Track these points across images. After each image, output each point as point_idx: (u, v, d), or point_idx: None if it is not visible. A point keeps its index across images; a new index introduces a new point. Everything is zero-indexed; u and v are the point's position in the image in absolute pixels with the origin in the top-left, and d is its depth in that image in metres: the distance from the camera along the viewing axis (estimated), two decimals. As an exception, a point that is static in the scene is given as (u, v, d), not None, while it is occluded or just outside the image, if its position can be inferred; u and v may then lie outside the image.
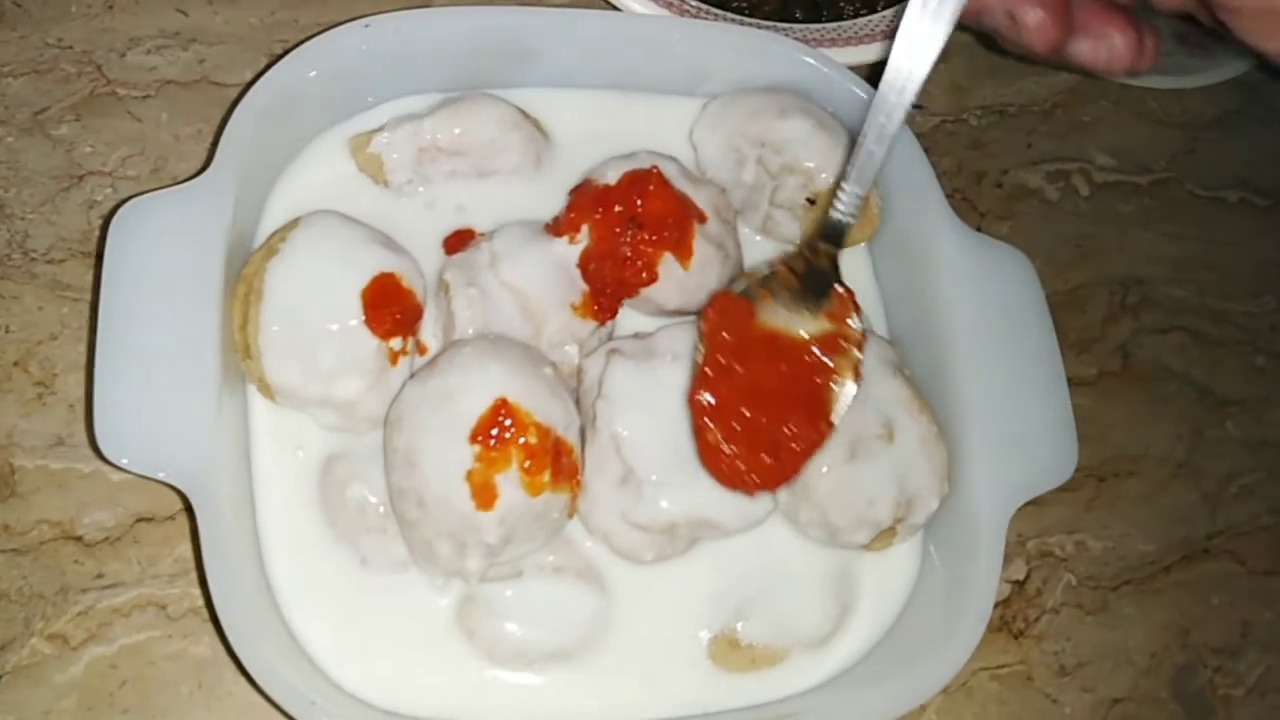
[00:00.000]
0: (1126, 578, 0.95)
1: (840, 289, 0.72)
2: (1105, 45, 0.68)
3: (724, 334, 0.69)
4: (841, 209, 0.70)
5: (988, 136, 1.10)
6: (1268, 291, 1.11)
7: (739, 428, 0.68)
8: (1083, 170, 1.12)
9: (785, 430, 0.68)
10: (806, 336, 0.70)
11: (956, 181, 1.06)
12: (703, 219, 0.79)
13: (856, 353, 0.70)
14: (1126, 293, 1.07)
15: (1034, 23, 0.66)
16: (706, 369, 0.69)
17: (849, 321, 0.71)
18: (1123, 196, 1.12)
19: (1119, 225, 1.11)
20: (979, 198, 1.06)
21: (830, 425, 0.70)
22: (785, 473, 0.69)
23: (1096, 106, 1.14)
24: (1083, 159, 1.12)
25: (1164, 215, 1.12)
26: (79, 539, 0.76)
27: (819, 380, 0.70)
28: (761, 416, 0.68)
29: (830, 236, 0.72)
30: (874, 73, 0.95)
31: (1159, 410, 1.03)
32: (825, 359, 0.70)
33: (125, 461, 0.65)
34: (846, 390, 0.70)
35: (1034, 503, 0.79)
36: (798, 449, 0.69)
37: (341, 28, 0.77)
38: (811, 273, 0.72)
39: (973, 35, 1.08)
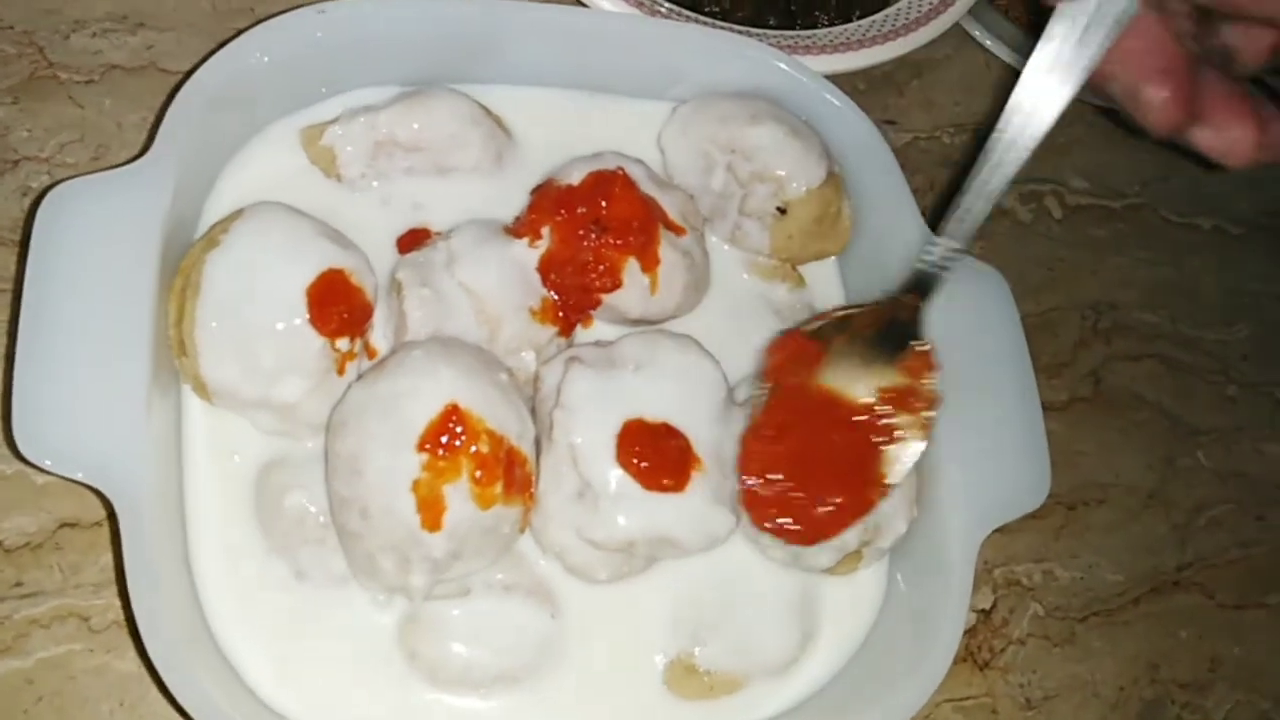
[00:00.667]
0: (1094, 609, 0.93)
1: (921, 344, 0.70)
2: (1225, 138, 0.65)
3: (791, 377, 0.69)
4: (931, 260, 0.68)
5: (961, 155, 1.08)
6: (1240, 320, 1.11)
7: (773, 489, 0.69)
8: (1056, 192, 1.11)
9: (821, 504, 0.68)
10: (872, 398, 0.69)
11: (928, 199, 1.04)
12: (669, 224, 0.76)
13: (929, 413, 0.69)
14: (1099, 317, 1.06)
15: (1157, 103, 0.63)
16: (765, 421, 0.69)
17: (926, 379, 0.70)
18: (1096, 220, 1.11)
19: (1092, 249, 1.09)
20: (951, 217, 1.04)
21: (883, 489, 0.69)
22: (812, 536, 0.69)
23: (1071, 129, 1.13)
24: (1056, 181, 1.11)
25: (1137, 240, 1.11)
26: (-2, 544, 0.72)
27: (875, 445, 0.69)
28: (801, 486, 0.68)
29: (918, 288, 0.70)
30: (843, 81, 0.92)
31: (1130, 438, 1.01)
32: (890, 419, 0.69)
33: (47, 463, 0.61)
34: (911, 450, 0.69)
35: (1001, 530, 0.77)
36: (830, 520, 0.69)
37: (295, 12, 0.74)
38: (893, 323, 0.70)
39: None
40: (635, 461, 0.68)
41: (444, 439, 0.63)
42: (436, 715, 0.68)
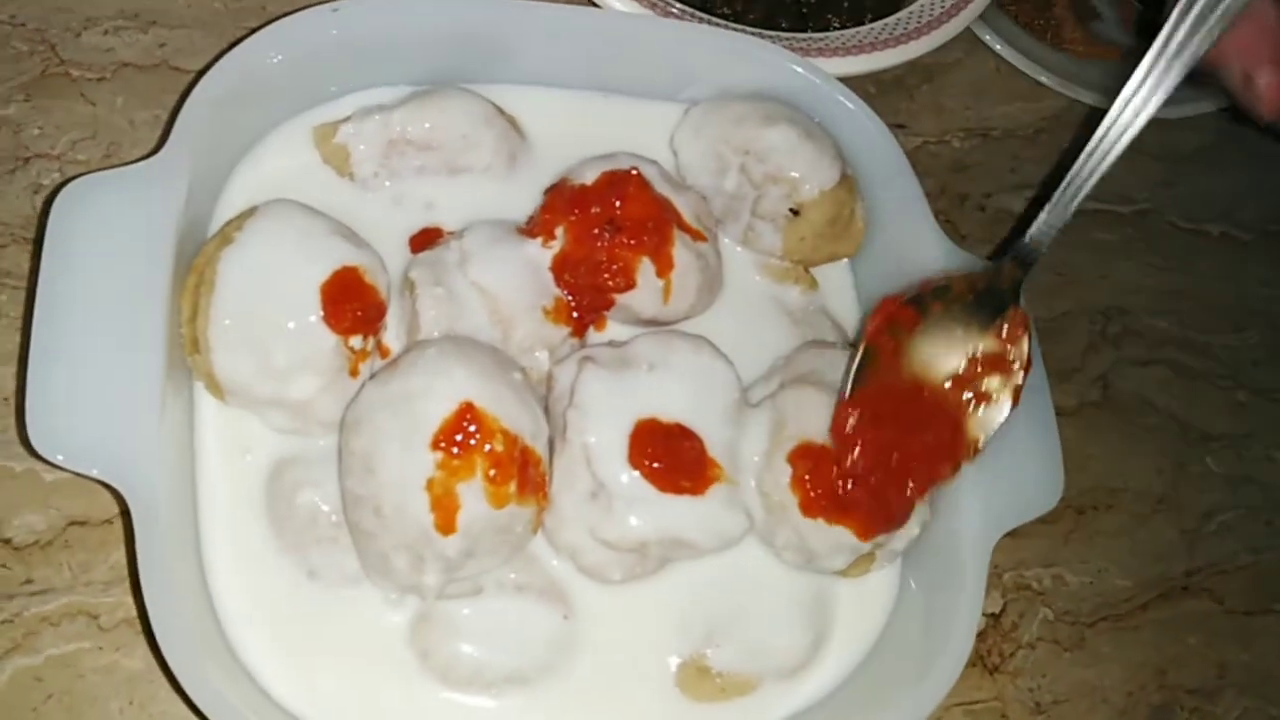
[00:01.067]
0: (1104, 614, 0.93)
1: (1018, 311, 0.71)
2: None
3: (889, 342, 0.70)
4: (1036, 234, 0.69)
5: (971, 159, 1.08)
6: (1250, 326, 1.10)
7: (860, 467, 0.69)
8: (1064, 198, 1.10)
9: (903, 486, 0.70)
10: (965, 362, 0.70)
11: (939, 204, 1.04)
12: (684, 227, 0.75)
13: (1020, 377, 0.70)
14: (1108, 322, 1.06)
15: (1264, 84, 0.64)
16: (860, 395, 0.69)
17: (1021, 344, 0.71)
18: (1105, 225, 1.11)
19: (1101, 254, 1.09)
20: (961, 221, 1.04)
21: (972, 453, 0.70)
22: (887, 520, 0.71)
23: (1080, 134, 1.13)
24: (1065, 186, 1.10)
25: (1146, 246, 1.11)
26: (7, 541, 0.71)
27: (964, 413, 0.70)
28: (886, 466, 0.69)
29: (1019, 259, 0.71)
30: (853, 85, 0.92)
31: (1139, 443, 1.01)
32: (982, 383, 0.70)
33: (60, 458, 0.60)
34: (999, 413, 0.70)
35: (1011, 534, 0.77)
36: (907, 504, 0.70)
37: (308, 11, 0.74)
38: (990, 291, 0.71)
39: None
40: (648, 463, 0.68)
41: (458, 438, 0.63)
42: (448, 715, 0.68)
